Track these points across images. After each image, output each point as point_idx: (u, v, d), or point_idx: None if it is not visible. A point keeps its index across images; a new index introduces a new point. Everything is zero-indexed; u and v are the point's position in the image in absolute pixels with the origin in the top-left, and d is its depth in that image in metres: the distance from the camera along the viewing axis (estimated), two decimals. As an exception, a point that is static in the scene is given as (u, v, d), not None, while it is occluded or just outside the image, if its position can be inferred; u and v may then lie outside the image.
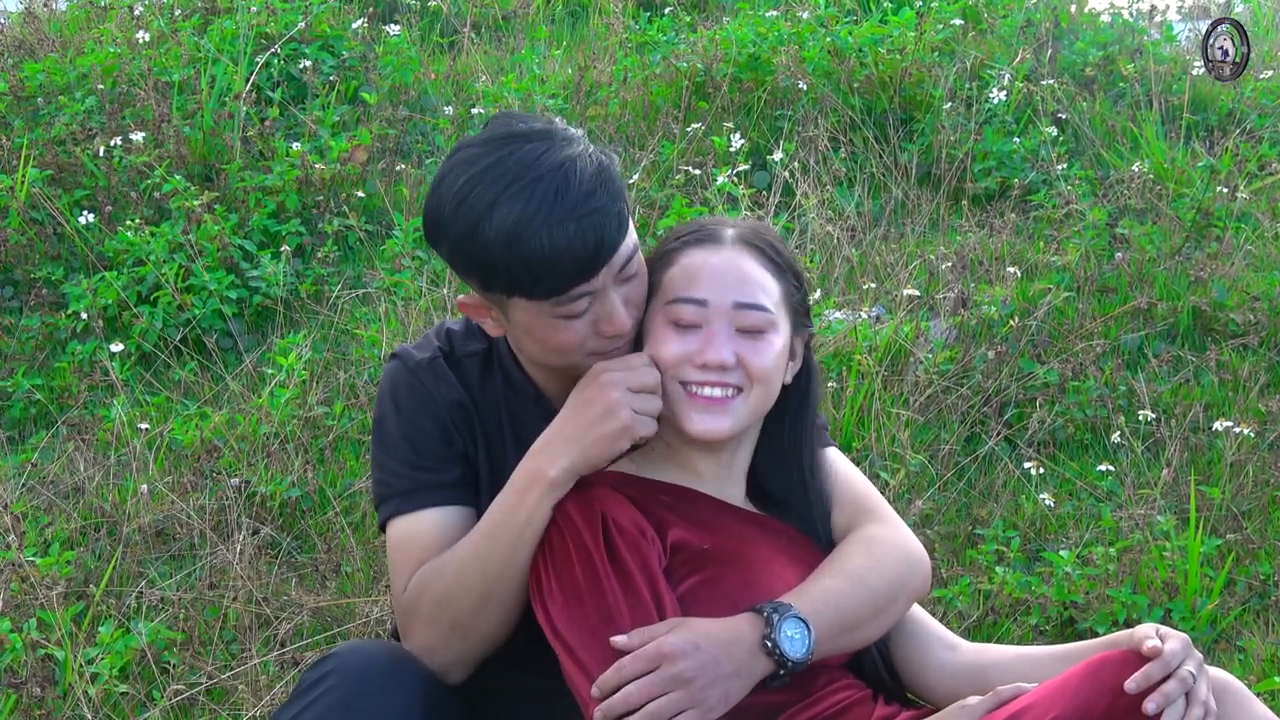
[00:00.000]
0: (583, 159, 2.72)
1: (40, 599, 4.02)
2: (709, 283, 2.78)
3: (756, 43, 6.38)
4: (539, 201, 2.66)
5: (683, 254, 2.83)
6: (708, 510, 2.83)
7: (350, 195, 5.74)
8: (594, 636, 2.63)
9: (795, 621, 2.64)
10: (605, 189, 2.71)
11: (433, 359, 2.94)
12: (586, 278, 2.70)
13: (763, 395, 2.81)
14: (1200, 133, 6.31)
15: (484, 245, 2.68)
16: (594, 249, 2.68)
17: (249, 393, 5.00)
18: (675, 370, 2.77)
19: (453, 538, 2.84)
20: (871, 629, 2.80)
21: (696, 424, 2.77)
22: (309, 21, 6.41)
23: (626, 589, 2.65)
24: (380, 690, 2.67)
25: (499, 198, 2.67)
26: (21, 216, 5.57)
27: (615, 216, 2.71)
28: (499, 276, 2.71)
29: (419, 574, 2.81)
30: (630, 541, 2.69)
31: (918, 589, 2.88)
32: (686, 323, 2.78)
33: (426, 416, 2.90)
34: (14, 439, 4.99)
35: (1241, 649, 4.10)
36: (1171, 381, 5.01)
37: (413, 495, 2.88)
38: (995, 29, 6.80)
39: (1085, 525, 4.50)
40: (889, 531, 2.89)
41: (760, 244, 2.85)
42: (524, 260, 2.66)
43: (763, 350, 2.78)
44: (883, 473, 4.58)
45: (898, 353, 4.98)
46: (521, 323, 2.79)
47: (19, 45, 6.65)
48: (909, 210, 5.91)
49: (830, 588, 2.73)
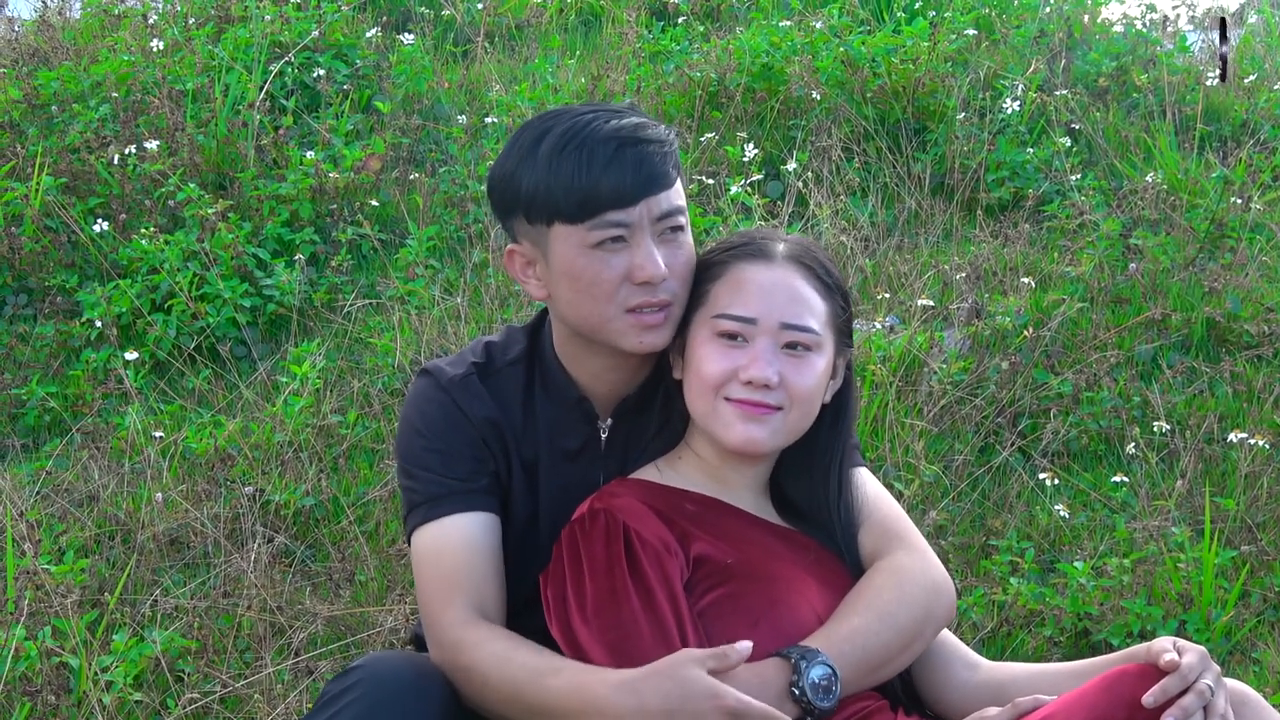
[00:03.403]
0: (647, 119, 2.80)
1: (55, 607, 4.02)
2: (758, 300, 2.77)
3: (770, 52, 6.38)
4: (590, 124, 2.75)
5: (732, 266, 2.81)
6: (734, 523, 2.82)
7: (364, 204, 5.75)
8: (614, 651, 2.62)
9: (822, 667, 2.62)
10: (659, 140, 2.77)
11: (466, 376, 2.91)
12: (623, 205, 2.73)
13: (802, 415, 2.80)
14: (1214, 143, 6.31)
15: (532, 167, 2.75)
16: (634, 175, 2.72)
17: (263, 401, 5.01)
18: (719, 385, 2.76)
19: (479, 543, 2.83)
20: (897, 664, 2.78)
21: (738, 433, 2.76)
22: (323, 30, 6.42)
23: (647, 604, 2.64)
24: (404, 701, 2.66)
25: (554, 125, 2.77)
26: (36, 224, 5.58)
27: (663, 160, 2.76)
28: (541, 200, 2.75)
29: (479, 643, 2.74)
30: (652, 555, 2.69)
31: (943, 619, 2.86)
32: (733, 337, 2.77)
33: (457, 434, 2.88)
34: (28, 446, 5.00)
35: (1257, 661, 4.09)
36: (1186, 393, 5.01)
37: (441, 501, 2.85)
38: (1008, 39, 6.80)
39: (1099, 536, 4.49)
40: (916, 561, 2.85)
41: (811, 262, 2.83)
42: (566, 176, 2.72)
43: (806, 371, 2.78)
44: (897, 483, 4.58)
45: (912, 363, 4.97)
46: (560, 262, 2.79)
47: (33, 53, 6.67)
48: (923, 220, 5.91)
49: (858, 627, 2.71)
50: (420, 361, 4.99)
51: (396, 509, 4.51)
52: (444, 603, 2.80)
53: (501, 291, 5.39)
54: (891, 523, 2.91)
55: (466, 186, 5.81)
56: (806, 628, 2.71)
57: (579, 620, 2.67)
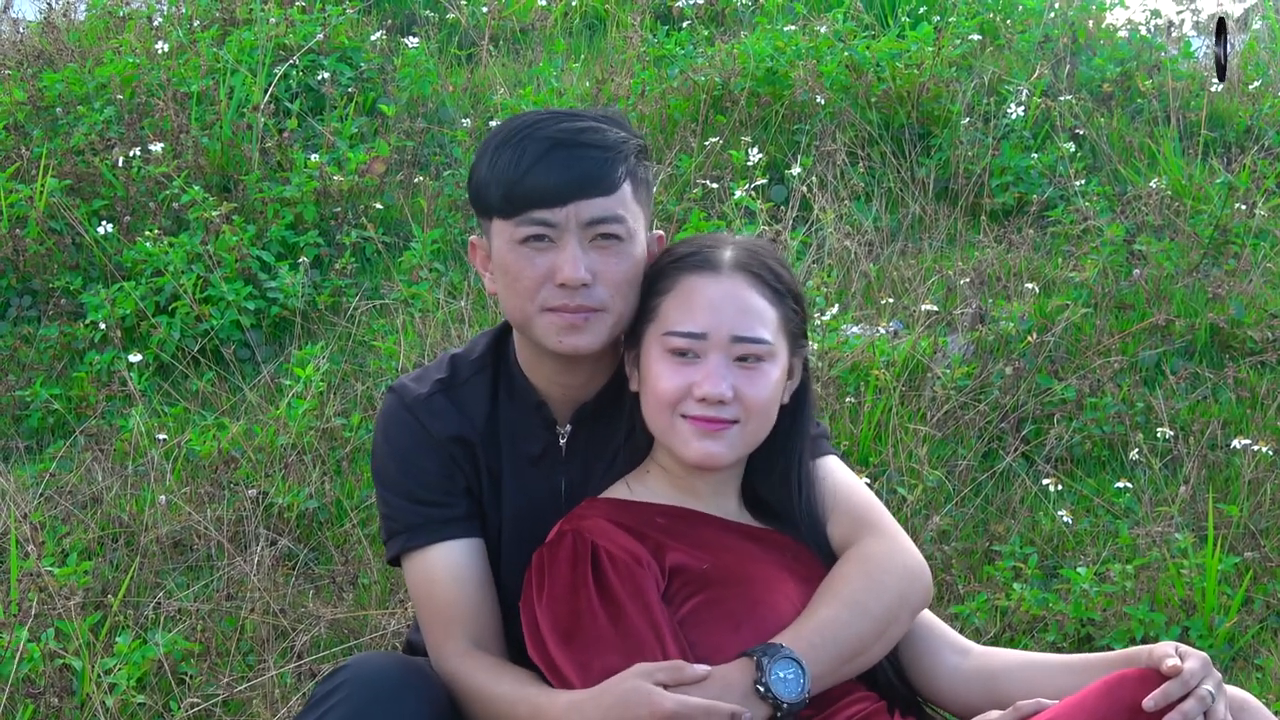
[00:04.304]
0: (608, 126, 2.81)
1: (58, 609, 4.03)
2: (707, 314, 2.76)
3: (774, 57, 6.38)
4: (535, 123, 2.80)
5: (680, 280, 2.80)
6: (707, 530, 2.82)
7: (368, 207, 5.75)
8: (585, 671, 2.65)
9: (787, 662, 2.62)
10: (602, 145, 2.78)
11: (430, 395, 2.93)
12: (548, 204, 2.76)
13: (760, 424, 2.80)
14: (1218, 149, 6.30)
15: (481, 162, 2.82)
16: (562, 176, 2.75)
17: (266, 404, 5.01)
18: (674, 403, 2.76)
19: (466, 573, 2.88)
20: (874, 652, 2.78)
21: (696, 450, 2.76)
22: (327, 33, 6.43)
23: (614, 621, 2.66)
24: (391, 701, 2.70)
25: (510, 123, 2.83)
26: (40, 226, 5.59)
27: (602, 165, 2.77)
28: (481, 194, 2.82)
29: (469, 674, 2.83)
30: (623, 571, 2.70)
31: (919, 603, 2.85)
32: (684, 353, 2.77)
33: (424, 454, 2.91)
34: (32, 448, 5.00)
35: (1259, 667, 4.09)
36: (1189, 399, 5.01)
37: (420, 531, 2.90)
38: (1013, 44, 6.80)
39: (1103, 542, 4.49)
40: (887, 545, 2.84)
41: (759, 269, 2.82)
42: (500, 171, 2.77)
43: (760, 381, 2.77)
44: (900, 488, 4.58)
45: (915, 368, 4.97)
46: (496, 255, 2.84)
47: (38, 55, 6.67)
48: (927, 225, 5.91)
49: (827, 618, 2.71)
50: (425, 364, 4.98)
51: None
52: (443, 635, 2.88)
53: (505, 295, 5.38)
54: (862, 510, 2.90)
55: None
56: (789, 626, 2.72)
57: (553, 644, 2.70)
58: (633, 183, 2.81)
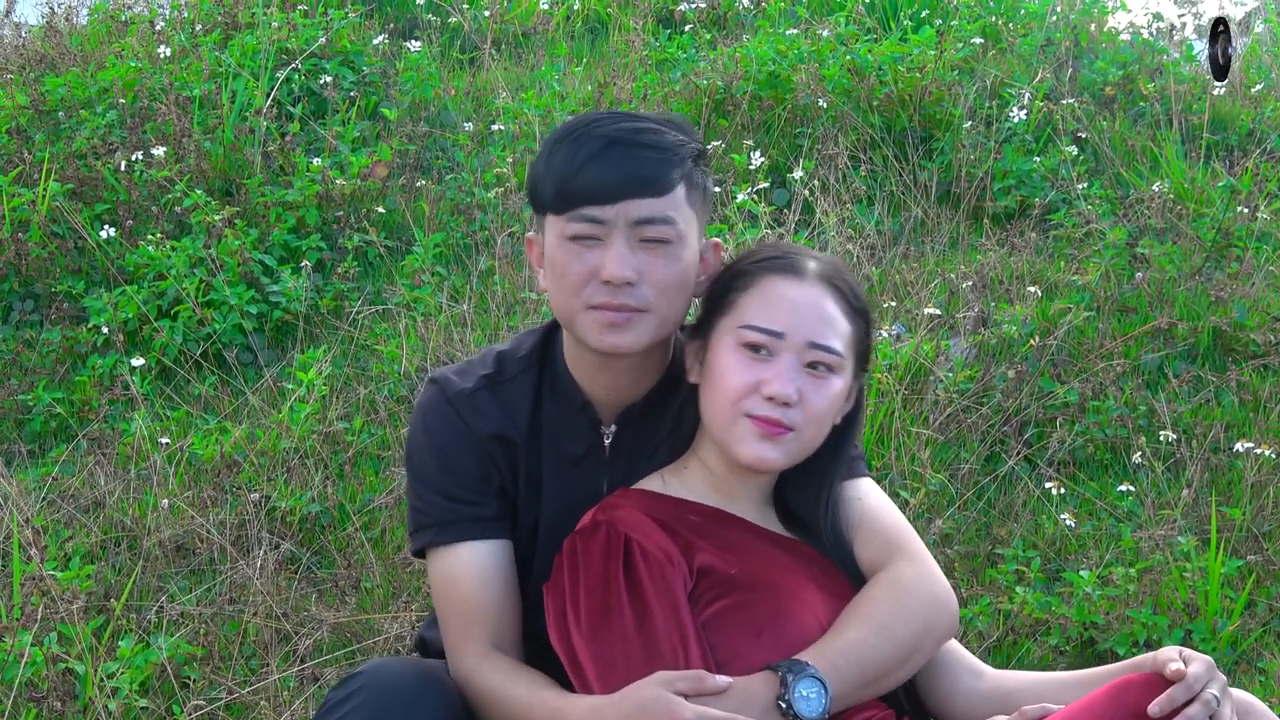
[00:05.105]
0: (667, 128, 2.82)
1: (61, 613, 4.02)
2: (787, 315, 2.76)
3: (776, 60, 6.38)
4: (593, 121, 2.79)
5: (762, 278, 2.80)
6: (738, 533, 2.82)
7: (370, 211, 5.76)
8: (606, 668, 2.65)
9: (811, 681, 2.62)
10: (658, 146, 2.78)
11: (474, 390, 2.91)
12: (599, 201, 2.75)
13: (815, 435, 2.80)
14: (1220, 152, 6.31)
15: (540, 158, 2.82)
16: (614, 174, 2.74)
17: (269, 408, 5.01)
18: (739, 398, 2.75)
19: (491, 574, 2.86)
20: (896, 676, 2.77)
21: (751, 450, 2.75)
22: (330, 37, 6.43)
23: (641, 622, 2.65)
24: (407, 707, 2.67)
25: (572, 121, 2.83)
26: (42, 230, 5.59)
27: (657, 165, 2.76)
28: (537, 189, 2.82)
29: (486, 674, 2.82)
30: (654, 568, 2.69)
31: (944, 632, 2.84)
32: (757, 349, 2.77)
33: (463, 449, 2.89)
34: (34, 452, 5.00)
35: (1262, 670, 4.09)
36: (1192, 402, 5.00)
37: (449, 527, 2.88)
38: (1015, 48, 6.80)
39: (1105, 545, 4.49)
40: (916, 572, 2.83)
41: (840, 284, 2.82)
42: (555, 167, 2.77)
43: (825, 391, 2.77)
44: (902, 491, 4.58)
45: (918, 371, 4.97)
46: (548, 251, 2.83)
47: (40, 59, 6.68)
48: (929, 229, 5.91)
49: (853, 640, 2.70)
50: (427, 368, 4.99)
51: (403, 516, 4.51)
52: (462, 634, 2.86)
53: (508, 299, 5.39)
54: (893, 533, 2.89)
55: (473, 193, 5.81)
56: (810, 638, 2.71)
57: (576, 635, 2.69)
58: (687, 186, 2.80)
